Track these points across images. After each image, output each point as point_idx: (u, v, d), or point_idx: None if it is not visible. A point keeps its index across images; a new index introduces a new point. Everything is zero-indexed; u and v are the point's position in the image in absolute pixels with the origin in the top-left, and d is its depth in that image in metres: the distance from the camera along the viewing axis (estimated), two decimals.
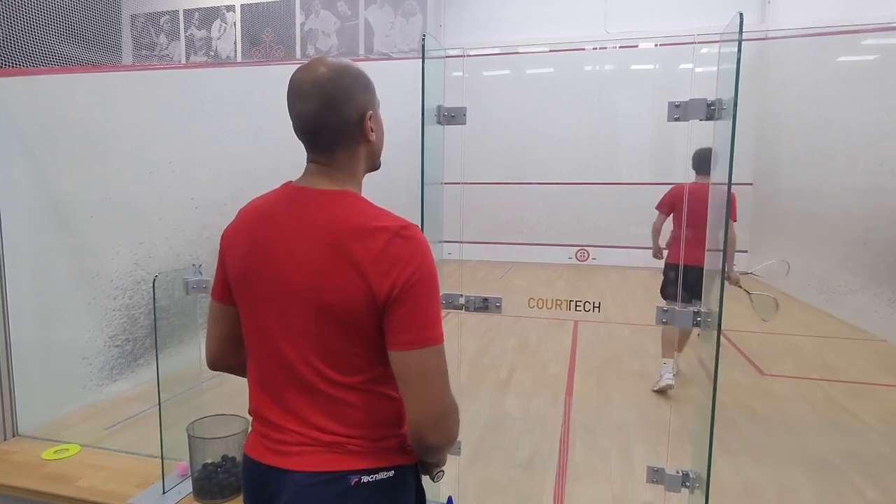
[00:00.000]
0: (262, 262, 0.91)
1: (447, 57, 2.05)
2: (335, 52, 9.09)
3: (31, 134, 2.80)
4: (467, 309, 2.05)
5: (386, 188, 1.74)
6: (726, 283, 3.48)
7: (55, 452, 2.58)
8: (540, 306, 2.06)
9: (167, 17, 9.76)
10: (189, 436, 2.20)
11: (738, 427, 3.05)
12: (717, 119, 1.77)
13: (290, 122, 0.93)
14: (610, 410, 3.28)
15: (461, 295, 2.06)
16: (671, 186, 3.72)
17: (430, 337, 0.86)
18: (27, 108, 2.78)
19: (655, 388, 3.48)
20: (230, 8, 9.64)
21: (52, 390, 2.92)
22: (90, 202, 3.09)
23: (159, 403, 2.22)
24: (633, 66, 9.22)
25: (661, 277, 3.89)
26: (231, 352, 1.04)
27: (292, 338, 0.90)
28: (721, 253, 1.71)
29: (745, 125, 1.53)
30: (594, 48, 9.08)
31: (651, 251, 3.93)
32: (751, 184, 8.19)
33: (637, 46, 9.04)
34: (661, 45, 8.14)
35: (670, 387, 3.43)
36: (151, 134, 3.44)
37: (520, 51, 9.80)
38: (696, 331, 1.86)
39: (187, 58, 9.49)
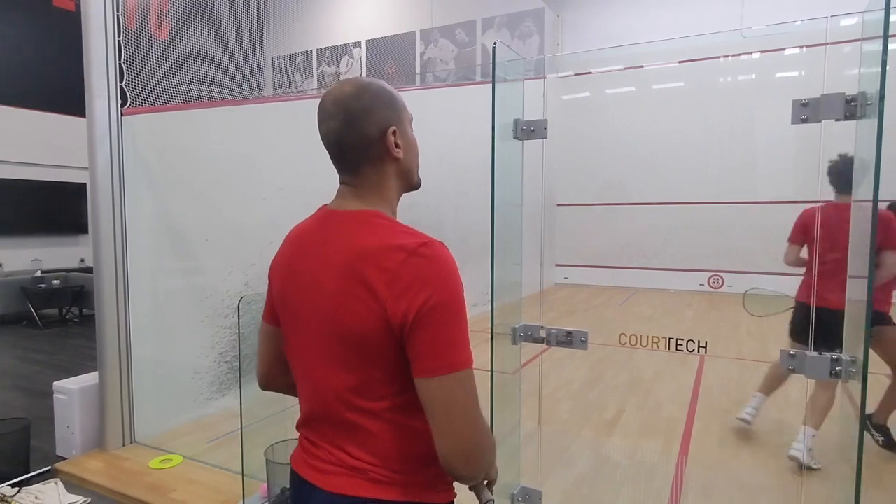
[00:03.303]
0: (295, 287, 0.93)
1: (527, 79, 1.90)
2: (452, 78, 9.30)
3: (154, 165, 3.09)
4: (548, 343, 1.84)
5: (503, 211, 1.65)
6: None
7: (161, 462, 2.75)
8: (633, 343, 1.78)
9: (302, 56, 10.66)
10: (267, 460, 2.21)
11: None
12: (861, 118, 1.41)
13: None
14: (735, 468, 2.80)
15: (542, 327, 1.85)
16: (802, 210, 3.06)
17: (453, 362, 0.80)
18: (151, 141, 3.07)
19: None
20: (357, 44, 10.29)
21: (166, 402, 3.15)
22: (207, 227, 3.33)
23: (241, 427, 2.26)
24: (778, 74, 8.30)
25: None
26: (280, 372, 1.04)
27: (321, 361, 0.90)
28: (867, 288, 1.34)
29: None
30: (727, 56, 8.31)
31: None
32: None
33: (784, 50, 8.11)
34: (806, 46, 7.21)
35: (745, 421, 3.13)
36: (264, 162, 3.66)
37: (644, 66, 9.28)
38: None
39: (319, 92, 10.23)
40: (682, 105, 8.90)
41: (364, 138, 0.89)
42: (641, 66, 9.27)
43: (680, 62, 8.79)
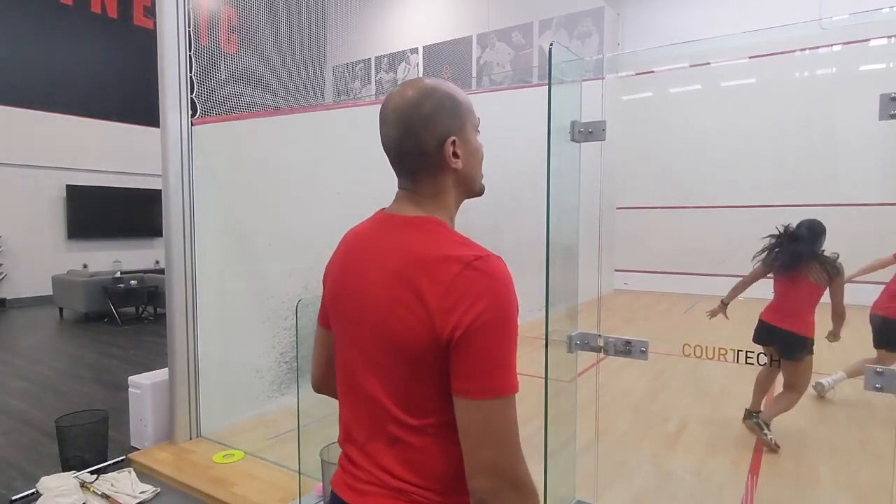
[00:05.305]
0: (347, 289, 0.89)
1: (586, 80, 1.84)
2: (508, 81, 9.23)
3: (221, 172, 3.22)
4: (606, 352, 1.77)
5: (558, 215, 1.63)
6: None
7: (224, 456, 2.85)
8: (698, 354, 1.69)
9: (361, 64, 10.90)
10: (322, 460, 2.25)
11: None
12: None
13: None
14: (813, 490, 2.60)
15: (599, 335, 1.79)
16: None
17: (496, 387, 0.75)
18: (218, 149, 3.21)
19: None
20: (414, 50, 10.43)
21: (230, 399, 3.27)
22: (269, 231, 3.44)
23: (298, 427, 2.31)
24: (862, 67, 7.72)
25: None
26: (333, 376, 0.99)
27: (368, 370, 0.86)
28: None
29: None
30: (804, 49, 7.82)
31: None
32: None
33: (868, 41, 7.54)
34: (895, 36, 6.67)
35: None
36: (324, 168, 3.75)
37: (712, 62, 8.87)
38: None
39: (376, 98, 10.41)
40: (753, 103, 8.45)
41: (422, 148, 0.85)
42: (708, 63, 8.88)
43: (751, 57, 8.35)
